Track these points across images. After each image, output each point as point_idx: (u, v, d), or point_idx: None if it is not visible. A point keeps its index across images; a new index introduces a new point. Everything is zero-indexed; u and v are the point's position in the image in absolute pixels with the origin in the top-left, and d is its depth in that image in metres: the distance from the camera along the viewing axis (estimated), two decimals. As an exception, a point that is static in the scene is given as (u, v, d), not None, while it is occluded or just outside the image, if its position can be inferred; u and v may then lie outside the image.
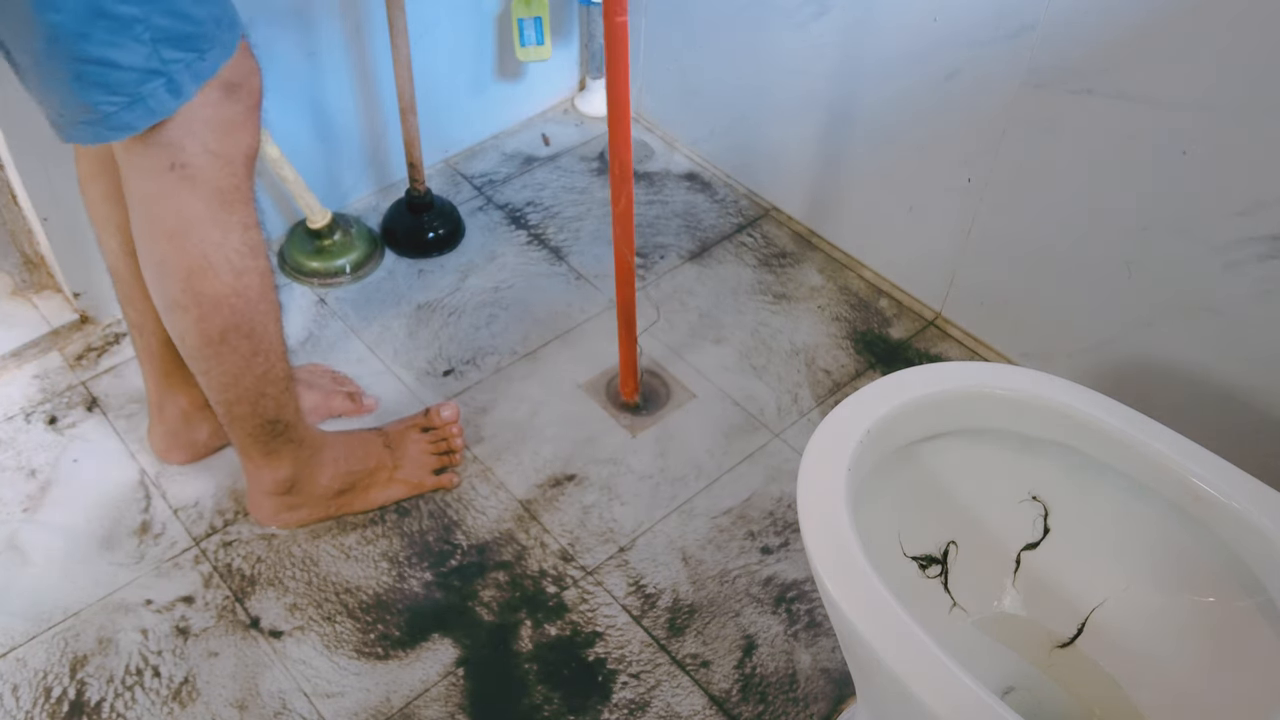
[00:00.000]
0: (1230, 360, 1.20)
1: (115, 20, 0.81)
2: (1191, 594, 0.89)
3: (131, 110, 0.86)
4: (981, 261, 1.42)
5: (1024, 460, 0.93)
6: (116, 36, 0.82)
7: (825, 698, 1.13)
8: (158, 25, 0.83)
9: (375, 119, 1.59)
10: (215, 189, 0.95)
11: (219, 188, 0.95)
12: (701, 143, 1.74)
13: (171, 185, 0.94)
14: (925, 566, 0.95)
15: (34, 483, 1.28)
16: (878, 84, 1.40)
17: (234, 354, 1.03)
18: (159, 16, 0.83)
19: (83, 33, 0.81)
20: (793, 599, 1.21)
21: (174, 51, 0.86)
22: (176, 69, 0.87)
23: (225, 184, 0.95)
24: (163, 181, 0.93)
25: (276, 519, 1.23)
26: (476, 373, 1.42)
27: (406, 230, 1.58)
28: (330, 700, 1.11)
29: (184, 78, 0.87)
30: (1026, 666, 0.94)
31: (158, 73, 0.86)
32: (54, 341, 1.42)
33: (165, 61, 0.85)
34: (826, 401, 1.41)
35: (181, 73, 0.87)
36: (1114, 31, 1.13)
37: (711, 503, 1.29)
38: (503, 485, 1.30)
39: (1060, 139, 1.24)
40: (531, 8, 1.59)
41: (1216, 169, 1.11)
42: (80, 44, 0.81)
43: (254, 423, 1.10)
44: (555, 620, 1.18)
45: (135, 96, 0.86)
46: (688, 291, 1.55)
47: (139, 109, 0.87)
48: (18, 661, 1.13)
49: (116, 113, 0.86)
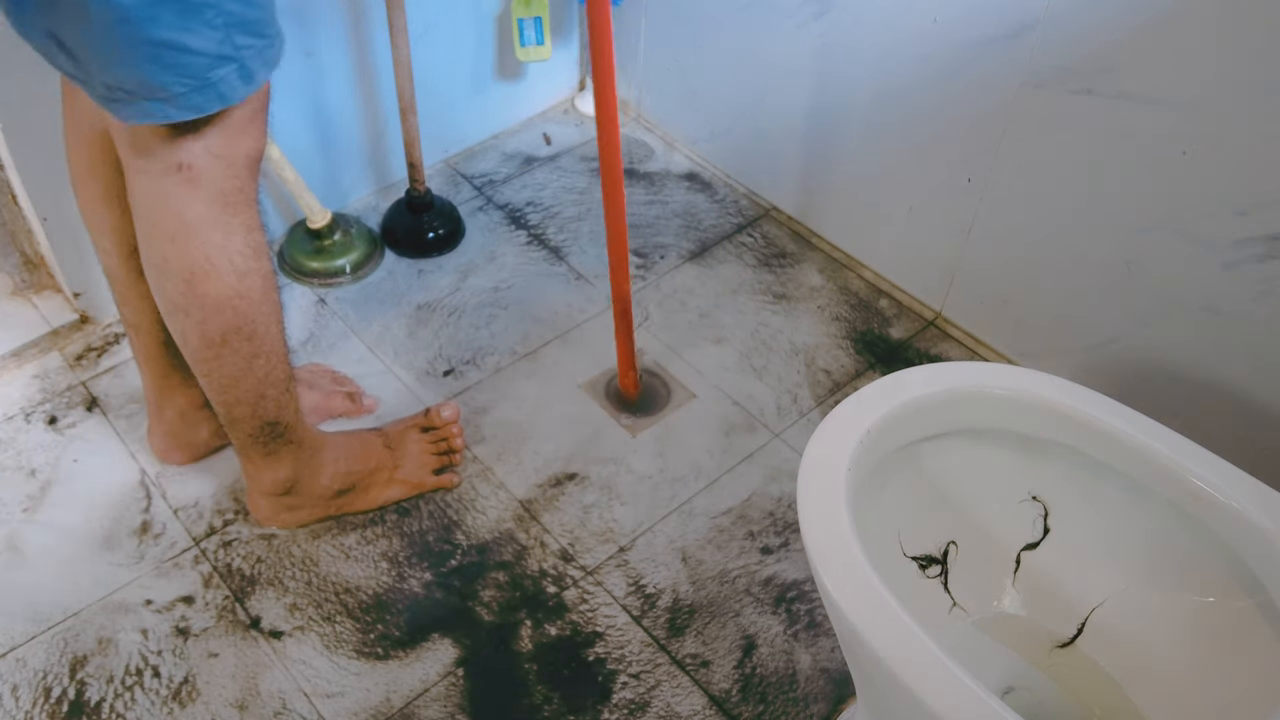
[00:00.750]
0: (1230, 360, 1.20)
1: (185, 4, 0.81)
2: (1191, 594, 0.89)
3: (202, 94, 0.86)
4: (981, 261, 1.42)
5: (1024, 460, 0.93)
6: (188, 20, 0.82)
7: (825, 698, 1.13)
8: (229, 10, 0.83)
9: (375, 119, 1.59)
10: (218, 191, 0.95)
11: (222, 190, 0.95)
12: (701, 143, 1.74)
13: (175, 187, 0.93)
14: (925, 566, 0.95)
15: (34, 483, 1.28)
16: (878, 84, 1.40)
17: (235, 356, 1.03)
18: (230, 2, 0.83)
19: (152, 15, 0.80)
20: (793, 599, 1.21)
21: (246, 38, 0.86)
22: (249, 55, 0.87)
23: (228, 186, 0.95)
24: (166, 183, 0.93)
25: (276, 519, 1.23)
26: (476, 373, 1.42)
27: (406, 230, 1.58)
28: (330, 700, 1.11)
29: (255, 64, 0.88)
30: (1026, 666, 0.94)
31: (230, 59, 0.86)
32: (54, 341, 1.42)
33: (238, 48, 0.86)
34: (826, 401, 1.41)
35: (253, 59, 0.87)
36: (1114, 31, 1.13)
37: (711, 503, 1.29)
38: (503, 485, 1.30)
39: (1060, 139, 1.24)
40: (531, 8, 1.59)
41: (1216, 169, 1.11)
42: (150, 27, 0.81)
43: (254, 424, 1.10)
44: (555, 620, 1.18)
45: (206, 81, 0.86)
46: (688, 291, 1.55)
47: (209, 93, 0.87)
48: (17, 661, 1.13)
49: (186, 94, 0.86)
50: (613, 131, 1.14)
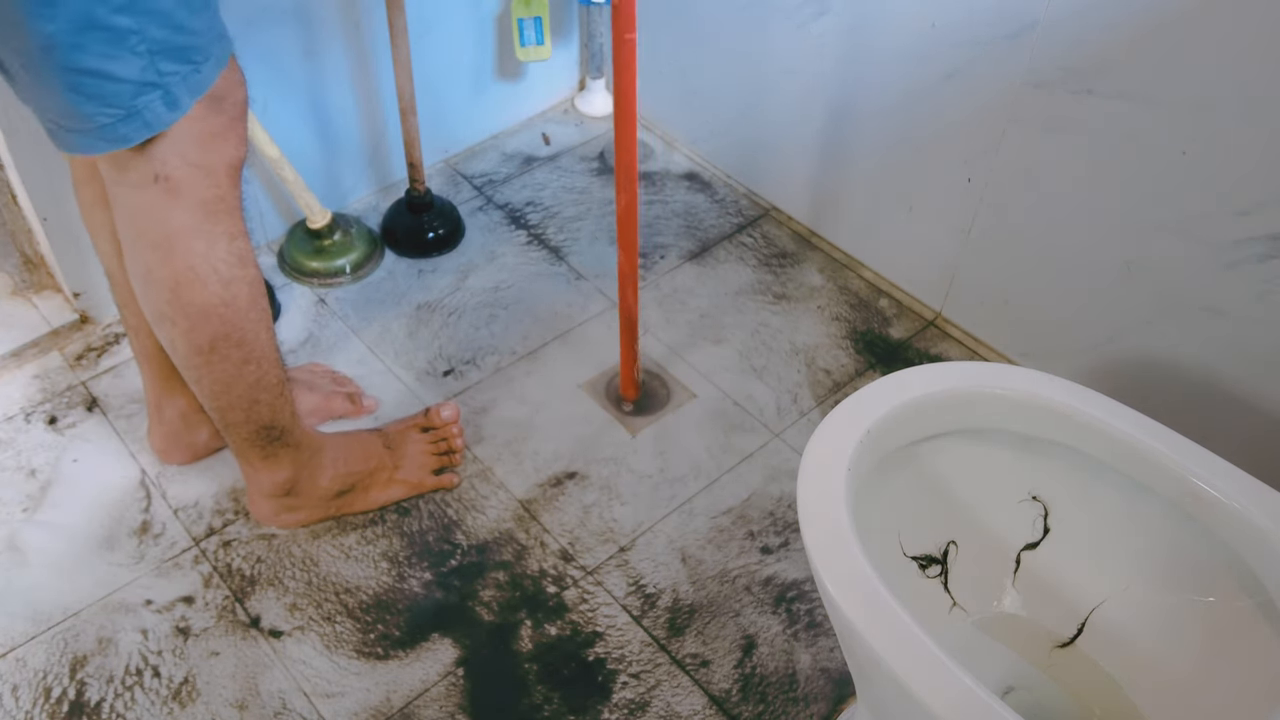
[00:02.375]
0: (1230, 360, 1.20)
1: (110, 31, 0.80)
2: (1191, 594, 0.89)
3: (127, 123, 0.86)
4: (981, 261, 1.42)
5: (1024, 460, 0.93)
6: (112, 48, 0.81)
7: (825, 698, 1.13)
8: (153, 37, 0.82)
9: (375, 119, 1.59)
10: (199, 201, 0.94)
11: (202, 199, 0.94)
12: (701, 142, 1.74)
13: (155, 198, 0.93)
14: (925, 566, 0.95)
15: (34, 483, 1.28)
16: (878, 84, 1.40)
17: (224, 362, 1.03)
18: (155, 29, 0.82)
19: (77, 44, 0.79)
20: (793, 599, 1.21)
21: (170, 64, 0.85)
22: (173, 81, 0.86)
23: (208, 195, 0.95)
24: (146, 194, 0.93)
25: (276, 519, 1.23)
26: (476, 373, 1.42)
27: (406, 230, 1.58)
28: (330, 700, 1.11)
29: (180, 91, 0.87)
30: (1026, 666, 0.94)
31: (154, 85, 0.85)
32: (54, 341, 1.42)
33: (162, 74, 0.85)
34: (826, 401, 1.41)
35: (178, 85, 0.86)
36: (1114, 31, 1.13)
37: (711, 503, 1.29)
38: (503, 485, 1.30)
39: (1060, 139, 1.24)
40: (531, 8, 1.59)
41: (1216, 169, 1.11)
42: (74, 55, 0.80)
43: (249, 429, 1.10)
44: (555, 620, 1.18)
45: (131, 109, 0.85)
46: (688, 291, 1.55)
47: (135, 122, 0.86)
48: (17, 662, 1.13)
49: (112, 124, 0.85)
50: (630, 145, 1.13)
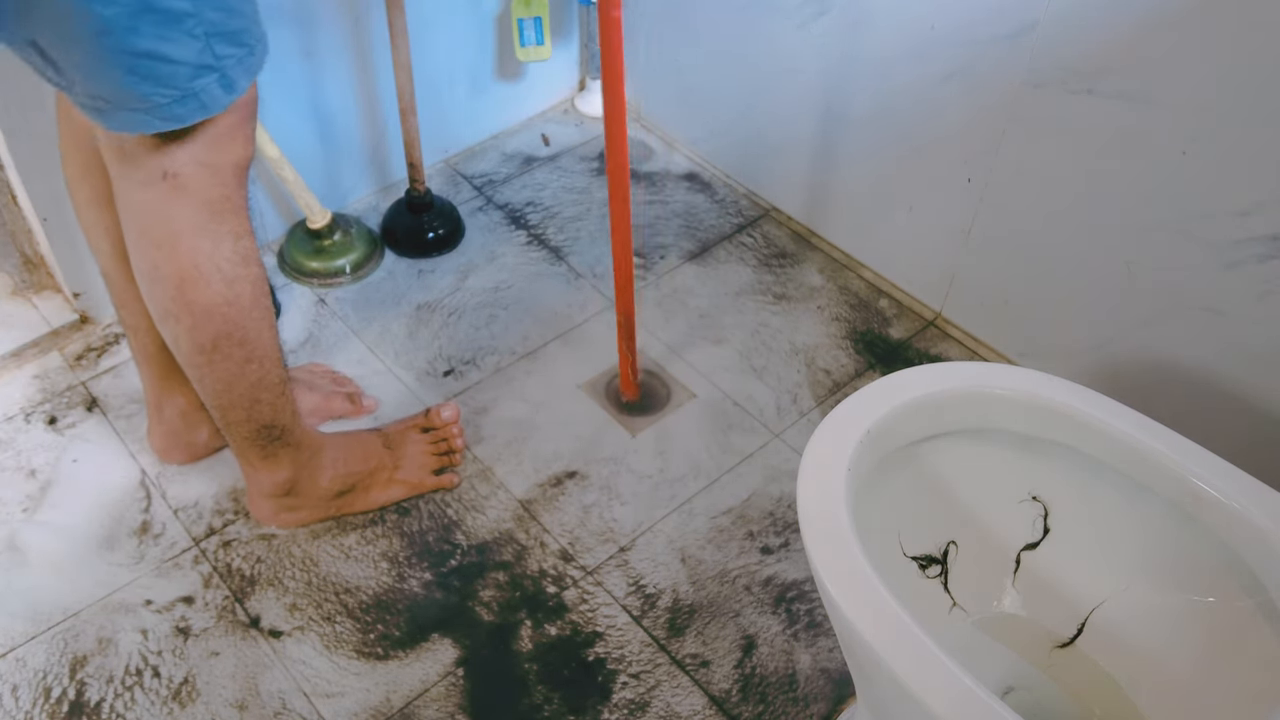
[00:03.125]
0: (1230, 360, 1.20)
1: (166, 14, 0.81)
2: (1191, 594, 0.89)
3: (184, 104, 0.86)
4: (981, 261, 1.42)
5: (1024, 460, 0.93)
6: (168, 30, 0.81)
7: (825, 698, 1.13)
8: (209, 19, 0.83)
9: (375, 119, 1.59)
10: (205, 199, 0.95)
11: (209, 198, 0.95)
12: (701, 143, 1.74)
13: (162, 195, 0.93)
14: (925, 566, 0.95)
15: (34, 483, 1.28)
16: (878, 84, 1.40)
17: (227, 361, 1.03)
18: (210, 11, 0.83)
19: (133, 27, 0.80)
20: (793, 599, 1.21)
21: (227, 47, 0.86)
22: (229, 64, 0.87)
23: (215, 194, 0.95)
24: (153, 191, 0.93)
25: (276, 519, 1.23)
26: (476, 373, 1.42)
27: (406, 230, 1.58)
28: (330, 700, 1.11)
29: (236, 73, 0.88)
30: (1026, 666, 0.94)
31: (211, 68, 0.85)
32: (54, 342, 1.42)
33: (219, 57, 0.85)
34: (826, 402, 1.41)
35: (234, 68, 0.87)
36: (1114, 31, 1.13)
37: (711, 503, 1.29)
38: (502, 485, 1.30)
39: (1060, 139, 1.24)
40: (531, 8, 1.59)
41: (1216, 169, 1.11)
42: (130, 38, 0.81)
43: (249, 428, 1.10)
44: (555, 620, 1.18)
45: (188, 91, 0.85)
46: (688, 291, 1.55)
47: (191, 103, 0.86)
48: (17, 662, 1.13)
49: (169, 105, 0.86)
50: (621, 149, 1.14)
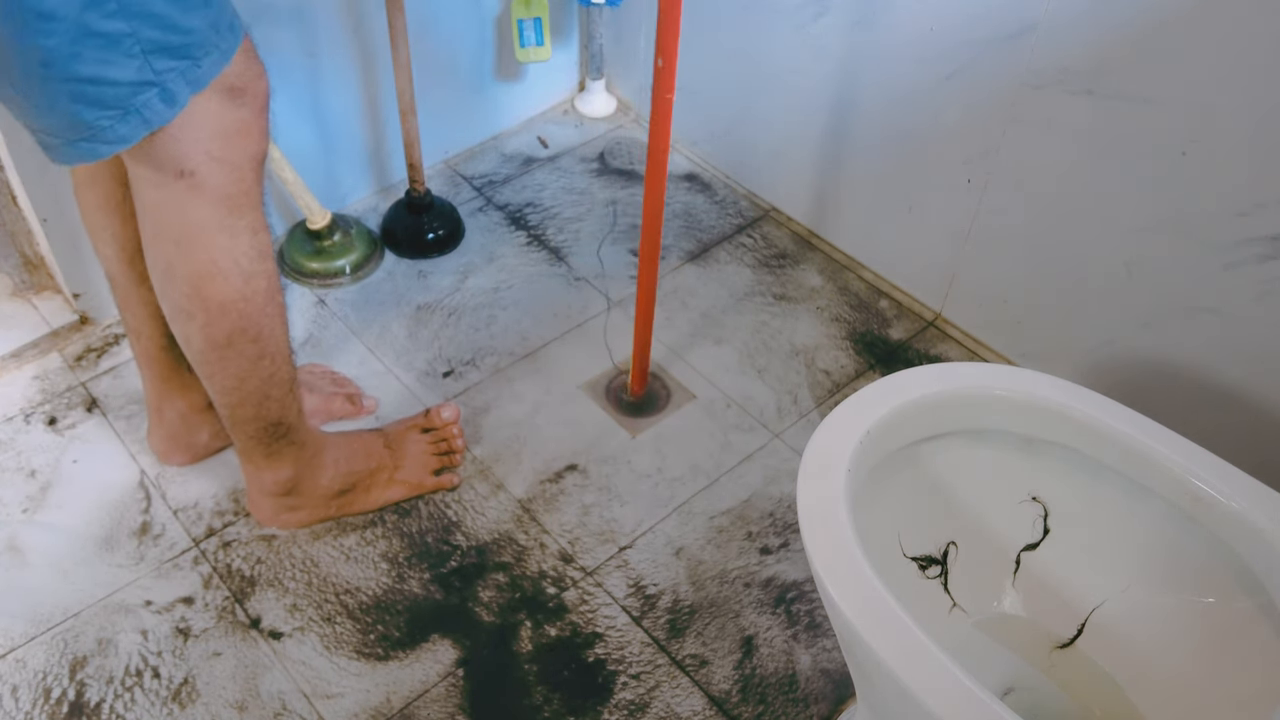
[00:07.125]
0: (1230, 360, 1.20)
1: (105, 37, 0.80)
2: (1191, 594, 0.89)
3: (125, 122, 0.85)
4: (981, 262, 1.42)
5: (1024, 461, 0.93)
6: (107, 53, 0.81)
7: (825, 698, 1.13)
8: (147, 38, 0.82)
9: (375, 120, 1.59)
10: (223, 195, 0.94)
11: (226, 194, 0.94)
12: (701, 143, 1.74)
13: (179, 193, 0.93)
14: (925, 567, 0.95)
15: (34, 483, 1.28)
16: (878, 84, 1.40)
17: (240, 358, 1.03)
18: (148, 29, 0.82)
19: (74, 53, 0.79)
20: (793, 599, 1.21)
21: (166, 61, 0.85)
22: (170, 77, 0.85)
23: (233, 189, 0.95)
24: (170, 190, 0.93)
25: (277, 519, 1.23)
26: (476, 373, 1.42)
27: (406, 231, 1.58)
28: (330, 701, 1.11)
29: (178, 85, 0.86)
30: (1026, 667, 0.94)
31: (150, 84, 0.85)
32: (54, 342, 1.42)
33: (157, 72, 0.84)
34: (826, 402, 1.41)
35: (175, 81, 0.86)
36: (1114, 31, 1.13)
37: (711, 503, 1.29)
38: (502, 486, 1.30)
39: (1060, 139, 1.24)
40: (531, 8, 1.59)
41: (1216, 169, 1.11)
42: (73, 64, 0.80)
43: (257, 425, 1.10)
44: (555, 621, 1.18)
45: (128, 109, 0.85)
46: (688, 292, 1.55)
47: (133, 120, 0.85)
48: (17, 662, 1.13)
49: (111, 126, 0.85)
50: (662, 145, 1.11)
